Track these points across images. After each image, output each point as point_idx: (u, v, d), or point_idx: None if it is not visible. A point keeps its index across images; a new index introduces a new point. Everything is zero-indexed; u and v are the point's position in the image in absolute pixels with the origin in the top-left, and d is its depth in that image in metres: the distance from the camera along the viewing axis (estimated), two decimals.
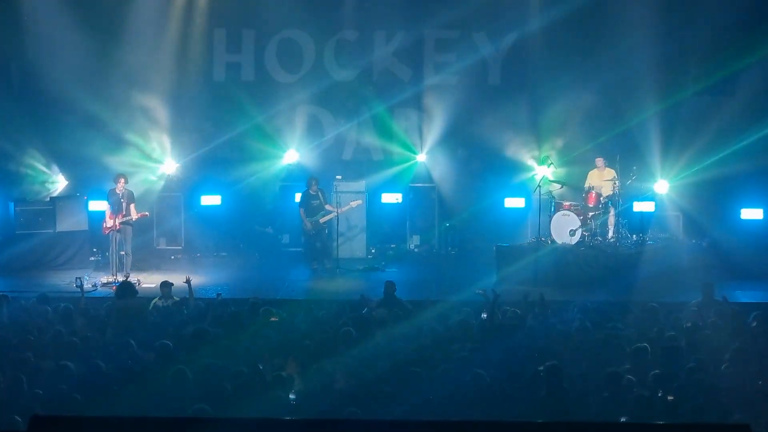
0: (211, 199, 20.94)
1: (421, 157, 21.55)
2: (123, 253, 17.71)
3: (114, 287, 16.20)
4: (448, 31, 21.29)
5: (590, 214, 18.05)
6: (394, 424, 6.54)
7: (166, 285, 14.36)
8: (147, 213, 18.37)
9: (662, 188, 20.02)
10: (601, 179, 18.36)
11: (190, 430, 6.17)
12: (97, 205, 19.19)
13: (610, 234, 18.17)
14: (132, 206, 17.76)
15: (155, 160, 21.02)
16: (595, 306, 13.43)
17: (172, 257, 20.41)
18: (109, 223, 17.68)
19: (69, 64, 20.26)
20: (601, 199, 18.13)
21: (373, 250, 20.94)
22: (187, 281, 14.19)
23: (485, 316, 12.75)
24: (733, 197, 19.63)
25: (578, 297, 14.46)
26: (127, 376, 10.05)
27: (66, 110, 20.28)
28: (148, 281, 17.28)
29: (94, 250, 19.81)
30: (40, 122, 20.46)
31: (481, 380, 9.84)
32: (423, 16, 21.22)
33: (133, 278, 17.41)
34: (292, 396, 9.74)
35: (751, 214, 19.50)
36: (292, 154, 21.45)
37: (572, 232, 17.79)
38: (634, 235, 18.19)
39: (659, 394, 9.80)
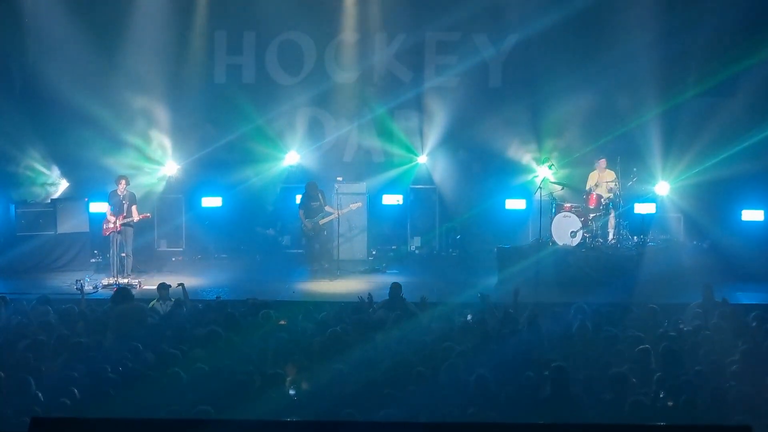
0: (212, 201, 20.95)
1: (422, 159, 21.56)
2: (124, 254, 17.69)
3: (114, 289, 16.21)
4: (449, 33, 21.29)
5: (591, 215, 18.05)
6: (394, 426, 6.54)
7: (163, 287, 14.37)
8: (149, 214, 18.35)
9: (663, 190, 20.01)
10: (602, 181, 18.37)
11: (192, 431, 6.17)
12: (98, 207, 19.17)
13: (611, 236, 18.17)
14: (134, 207, 17.74)
15: (156, 161, 21.03)
16: (596, 308, 13.41)
17: (173, 259, 20.41)
18: (110, 224, 17.67)
19: (70, 66, 20.28)
20: (602, 200, 18.13)
21: (373, 252, 20.94)
22: (180, 285, 14.24)
23: (470, 318, 12.78)
24: (734, 199, 19.62)
25: (579, 298, 14.42)
26: (128, 379, 10.05)
27: (67, 112, 20.26)
28: (148, 283, 17.25)
29: (95, 251, 19.79)
30: (41, 124, 20.46)
31: (483, 381, 9.84)
32: (424, 18, 21.24)
33: (134, 280, 17.42)
34: (292, 392, 9.74)
35: (751, 215, 19.49)
36: (293, 155, 21.47)
37: (573, 234, 17.79)
38: (635, 237, 18.18)
39: (661, 395, 9.79)
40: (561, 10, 20.08)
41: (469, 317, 12.83)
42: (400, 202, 21.36)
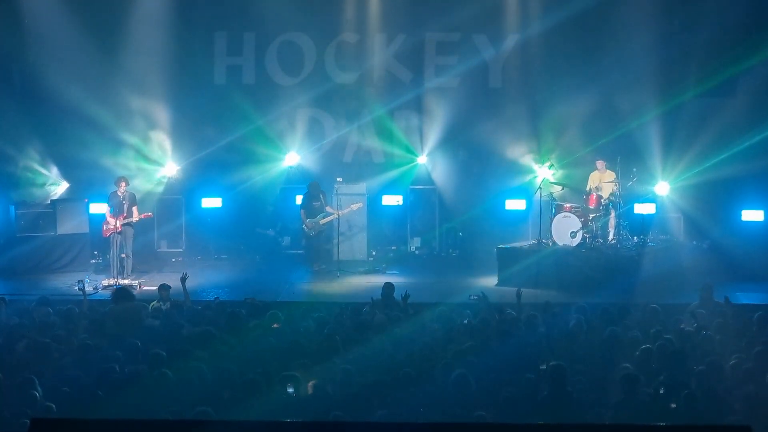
0: (212, 202, 20.95)
1: (422, 160, 21.55)
2: (124, 255, 17.70)
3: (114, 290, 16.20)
4: (449, 33, 21.28)
5: (591, 216, 18.05)
6: (393, 426, 6.54)
7: (164, 288, 14.34)
8: (150, 213, 18.35)
9: (663, 190, 19.99)
10: (602, 181, 18.37)
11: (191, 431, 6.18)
12: (98, 208, 19.18)
13: (611, 236, 18.17)
14: (134, 208, 17.76)
15: (156, 162, 21.03)
16: (596, 308, 13.40)
17: (173, 260, 20.41)
18: (110, 225, 17.67)
19: (71, 67, 20.25)
20: (602, 201, 18.14)
21: (374, 253, 20.93)
22: (183, 280, 14.08)
23: (466, 322, 12.77)
24: (734, 199, 19.60)
25: (579, 299, 14.44)
26: (127, 379, 10.04)
27: (67, 113, 20.25)
28: (149, 284, 17.26)
29: (95, 252, 19.80)
30: (41, 125, 20.45)
31: (481, 382, 9.83)
32: (424, 18, 21.23)
33: (134, 281, 17.42)
34: (290, 389, 9.72)
35: (751, 215, 19.47)
36: (293, 156, 21.46)
37: (573, 234, 17.79)
38: (635, 237, 18.18)
39: (661, 391, 9.79)
40: (561, 10, 20.07)
41: (466, 322, 12.81)
42: (400, 203, 21.36)
